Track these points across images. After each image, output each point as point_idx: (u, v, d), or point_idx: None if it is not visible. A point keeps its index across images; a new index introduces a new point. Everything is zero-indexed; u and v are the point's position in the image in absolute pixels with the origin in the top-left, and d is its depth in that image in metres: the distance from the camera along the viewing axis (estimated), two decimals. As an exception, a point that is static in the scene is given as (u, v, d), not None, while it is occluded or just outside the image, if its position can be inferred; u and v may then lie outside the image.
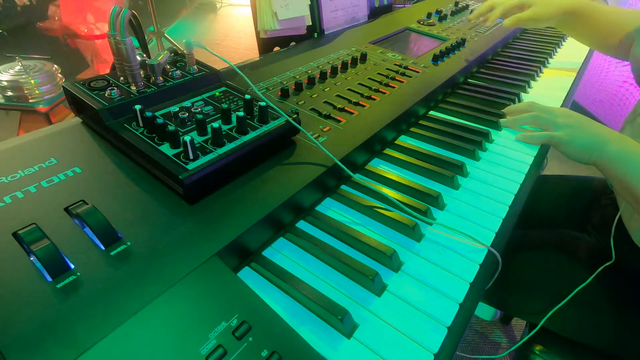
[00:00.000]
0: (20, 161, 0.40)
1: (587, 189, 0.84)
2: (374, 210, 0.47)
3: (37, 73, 1.52)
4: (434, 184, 0.53)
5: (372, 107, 0.60)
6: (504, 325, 1.22)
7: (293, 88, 0.62)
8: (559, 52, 1.07)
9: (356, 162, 0.54)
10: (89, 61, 2.06)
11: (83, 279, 0.30)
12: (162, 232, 0.35)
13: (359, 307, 0.36)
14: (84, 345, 0.27)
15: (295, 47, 0.79)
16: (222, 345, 0.28)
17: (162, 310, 0.30)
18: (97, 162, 0.42)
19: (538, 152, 0.62)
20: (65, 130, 0.46)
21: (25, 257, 0.31)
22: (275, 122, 0.47)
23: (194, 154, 0.40)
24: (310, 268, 0.40)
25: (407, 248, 0.43)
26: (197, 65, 0.54)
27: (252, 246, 0.40)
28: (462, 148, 0.60)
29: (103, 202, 0.37)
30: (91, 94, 0.45)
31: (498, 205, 0.50)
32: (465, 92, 0.79)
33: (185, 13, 3.52)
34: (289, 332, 0.31)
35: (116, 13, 0.42)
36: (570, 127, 0.60)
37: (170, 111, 0.46)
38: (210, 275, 0.33)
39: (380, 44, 0.84)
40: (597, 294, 0.63)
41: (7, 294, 0.29)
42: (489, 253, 0.43)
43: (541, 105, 0.66)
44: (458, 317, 0.36)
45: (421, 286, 0.39)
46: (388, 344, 0.33)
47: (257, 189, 0.42)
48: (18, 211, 0.35)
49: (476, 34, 0.97)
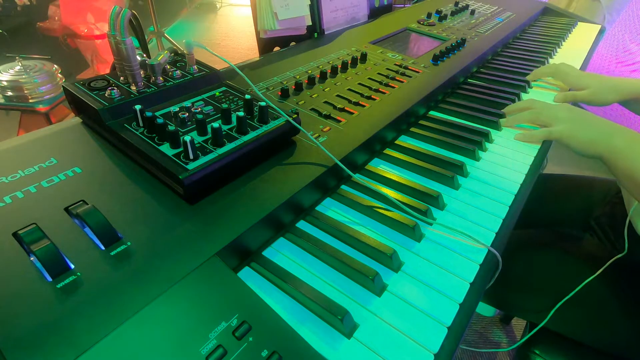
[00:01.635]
0: (20, 161, 0.40)
1: (588, 188, 0.84)
2: (374, 210, 0.47)
3: (37, 73, 1.52)
4: (434, 184, 0.53)
5: (372, 107, 0.60)
6: (504, 325, 1.22)
7: (293, 88, 0.62)
8: (559, 52, 1.07)
9: (356, 162, 0.54)
10: (89, 61, 2.06)
11: (83, 279, 0.30)
12: (162, 232, 0.35)
13: (359, 307, 0.36)
14: (84, 345, 0.27)
15: (295, 47, 0.79)
16: (222, 345, 0.28)
17: (162, 310, 0.30)
18: (97, 162, 0.42)
19: (538, 152, 0.62)
20: (65, 130, 0.46)
21: (25, 257, 0.31)
22: (275, 122, 0.47)
23: (194, 154, 0.40)
24: (311, 268, 0.40)
25: (407, 248, 0.43)
26: (197, 65, 0.54)
27: (252, 246, 0.40)
28: (462, 148, 0.60)
29: (103, 202, 0.37)
30: (91, 94, 0.45)
31: (498, 205, 0.50)
32: (465, 92, 0.79)
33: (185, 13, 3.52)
34: (289, 332, 0.31)
35: (116, 13, 0.42)
36: (572, 121, 0.59)
37: (170, 111, 0.46)
38: (210, 275, 0.33)
39: (380, 44, 0.84)
40: (600, 293, 0.63)
41: (7, 294, 0.29)
42: (489, 253, 0.43)
43: (541, 102, 0.66)
44: (458, 317, 0.36)
45: (421, 286, 0.39)
46: (388, 344, 0.33)
47: (257, 189, 0.42)
48: (18, 211, 0.35)
49: (476, 34, 0.97)
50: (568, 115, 0.60)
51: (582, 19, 1.34)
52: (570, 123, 0.59)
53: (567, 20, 1.30)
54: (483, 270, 0.41)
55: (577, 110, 0.61)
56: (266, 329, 0.30)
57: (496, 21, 1.10)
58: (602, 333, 0.62)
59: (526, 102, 0.67)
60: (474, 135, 0.64)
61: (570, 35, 1.20)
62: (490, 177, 0.55)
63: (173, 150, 0.40)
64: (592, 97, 0.76)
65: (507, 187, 0.53)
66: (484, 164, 0.58)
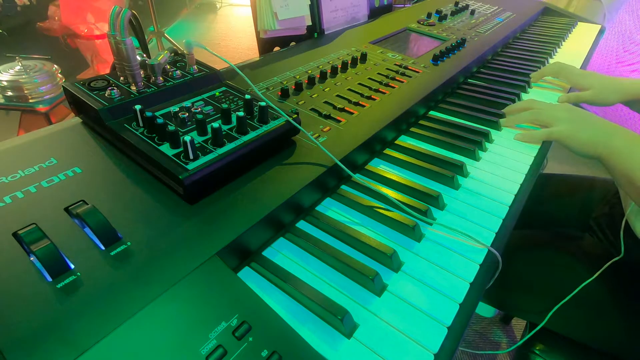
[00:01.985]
0: (20, 161, 0.40)
1: (587, 188, 0.84)
2: (374, 210, 0.47)
3: (37, 73, 1.52)
4: (434, 184, 0.53)
5: (372, 107, 0.60)
6: (504, 325, 1.22)
7: (293, 88, 0.62)
8: (559, 52, 1.07)
9: (356, 162, 0.54)
10: (89, 61, 2.06)
11: (83, 279, 0.30)
12: (162, 232, 0.35)
13: (359, 307, 0.36)
14: (84, 345, 0.27)
15: (295, 47, 0.79)
16: (222, 345, 0.28)
17: (162, 310, 0.30)
18: (97, 162, 0.42)
19: (538, 152, 0.62)
20: (65, 130, 0.46)
21: (25, 257, 0.31)
22: (275, 122, 0.47)
23: (194, 154, 0.40)
24: (311, 268, 0.40)
25: (407, 248, 0.43)
26: (197, 65, 0.54)
27: (252, 246, 0.40)
28: (462, 148, 0.60)
29: (103, 202, 0.37)
30: (91, 94, 0.45)
31: (498, 205, 0.50)
32: (465, 92, 0.79)
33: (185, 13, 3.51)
34: (289, 332, 0.31)
35: (116, 13, 0.42)
36: (572, 121, 0.59)
37: (170, 111, 0.46)
38: (211, 275, 0.33)
39: (380, 44, 0.84)
40: (599, 293, 0.63)
41: (7, 294, 0.29)
42: (489, 253, 0.43)
43: (541, 102, 0.66)
44: (458, 317, 0.36)
45: (421, 286, 0.39)
46: (388, 344, 0.33)
47: (257, 189, 0.42)
48: (18, 211, 0.35)
49: (476, 34, 0.97)
50: (568, 116, 0.60)
51: (582, 19, 1.34)
52: (570, 124, 0.59)
53: (567, 20, 1.31)
54: (483, 270, 0.41)
55: (577, 111, 0.61)
56: (266, 329, 0.30)
57: (496, 21, 1.10)
58: (601, 333, 0.62)
59: (526, 103, 0.67)
60: (474, 135, 0.64)
61: (570, 35, 1.20)
62: (490, 177, 0.55)
63: (173, 150, 0.40)
64: (595, 98, 0.76)
65: (507, 187, 0.53)
66: (484, 164, 0.58)
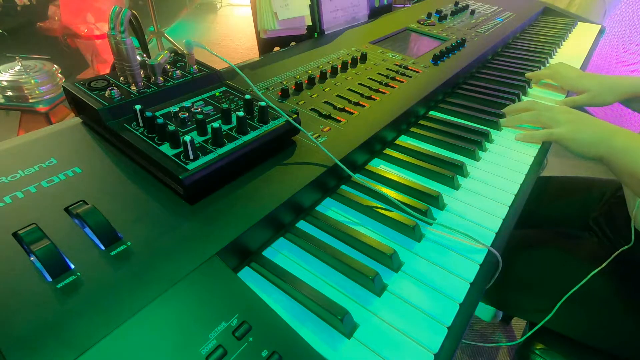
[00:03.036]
0: (20, 161, 0.40)
1: (586, 189, 0.84)
2: (374, 210, 0.47)
3: (37, 73, 1.52)
4: (434, 184, 0.53)
5: (372, 107, 0.60)
6: (504, 325, 1.22)
7: (293, 88, 0.62)
8: (559, 52, 1.07)
9: (356, 162, 0.54)
10: (89, 61, 2.06)
11: (83, 279, 0.30)
12: (162, 232, 0.35)
13: (359, 307, 0.36)
14: (84, 345, 0.27)
15: (295, 47, 0.79)
16: (222, 345, 0.28)
17: (162, 310, 0.30)
18: (97, 162, 0.42)
19: (538, 152, 0.62)
20: (65, 130, 0.46)
21: (25, 257, 0.31)
22: (275, 122, 0.47)
23: (194, 154, 0.40)
24: (311, 268, 0.40)
25: (407, 248, 0.43)
26: (197, 65, 0.54)
27: (252, 246, 0.40)
28: (462, 148, 0.60)
29: (103, 202, 0.37)
30: (91, 94, 0.45)
31: (498, 205, 0.50)
32: (465, 92, 0.79)
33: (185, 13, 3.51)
34: (289, 332, 0.31)
35: (116, 13, 0.42)
36: (572, 123, 0.60)
37: (170, 111, 0.46)
38: (211, 275, 0.33)
39: (380, 44, 0.84)
40: (600, 292, 0.63)
41: (7, 294, 0.29)
42: (489, 253, 0.43)
43: (541, 103, 0.66)
44: (458, 317, 0.36)
45: (421, 286, 0.39)
46: (388, 344, 0.33)
47: (257, 189, 0.42)
48: (18, 211, 0.35)
49: (476, 34, 0.97)
50: (568, 118, 0.61)
51: (582, 19, 1.34)
52: (570, 125, 0.60)
53: (567, 20, 1.31)
54: (483, 270, 0.41)
55: (577, 113, 0.61)
56: (266, 329, 0.30)
57: (496, 21, 1.10)
58: (602, 332, 0.62)
59: (526, 104, 0.68)
60: (474, 135, 0.64)
61: (570, 35, 1.20)
62: (490, 177, 0.55)
63: (173, 150, 0.40)
64: (592, 100, 0.77)
65: (507, 187, 0.53)
66: (484, 164, 0.58)
